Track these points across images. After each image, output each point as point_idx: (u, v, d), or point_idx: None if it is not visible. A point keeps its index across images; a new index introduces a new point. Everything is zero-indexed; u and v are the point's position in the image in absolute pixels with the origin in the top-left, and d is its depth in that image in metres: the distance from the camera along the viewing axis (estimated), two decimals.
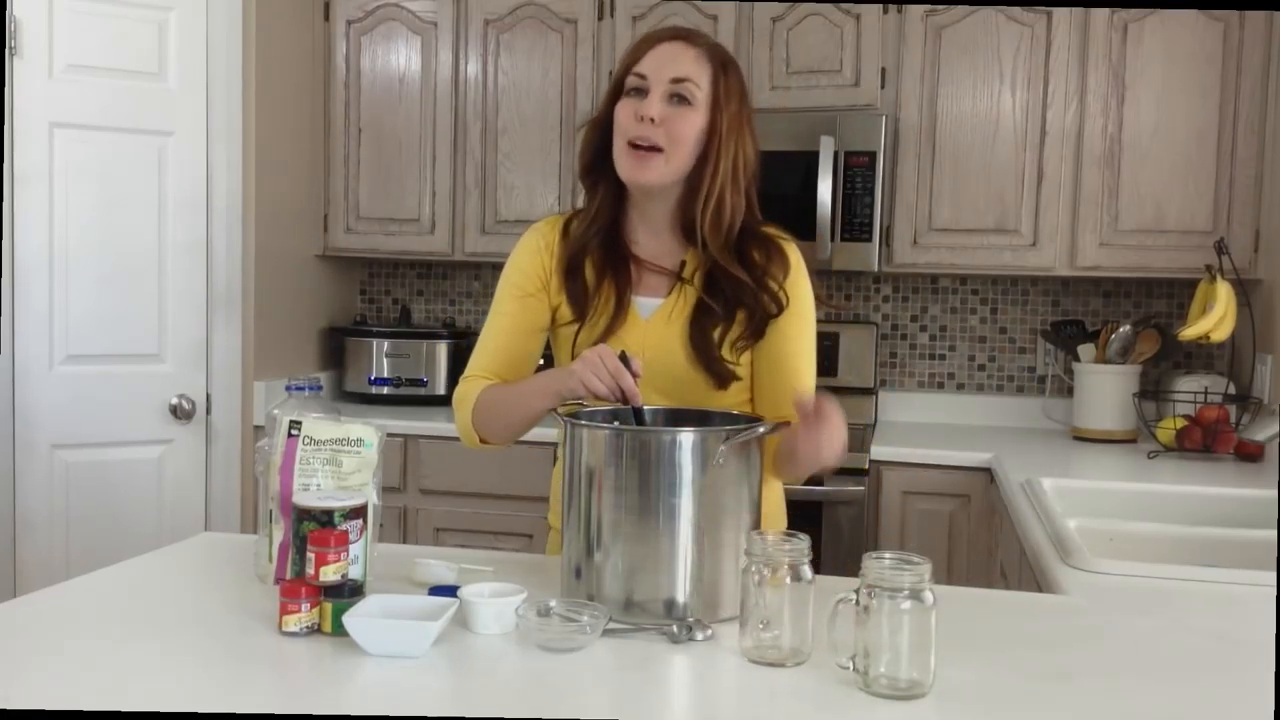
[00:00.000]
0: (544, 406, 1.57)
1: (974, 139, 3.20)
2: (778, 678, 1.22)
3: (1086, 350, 3.24)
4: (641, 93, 1.60)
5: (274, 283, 3.40)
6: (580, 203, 1.77)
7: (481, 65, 3.51)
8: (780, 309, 1.65)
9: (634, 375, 1.45)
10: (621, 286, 1.68)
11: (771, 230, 1.71)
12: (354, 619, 1.25)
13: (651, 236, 1.70)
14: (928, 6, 3.20)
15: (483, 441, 1.70)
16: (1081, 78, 3.13)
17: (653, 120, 1.58)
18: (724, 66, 1.63)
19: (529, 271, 1.73)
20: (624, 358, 1.45)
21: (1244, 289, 2.99)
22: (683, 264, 1.69)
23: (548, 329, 1.75)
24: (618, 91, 1.63)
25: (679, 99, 1.59)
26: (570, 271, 1.70)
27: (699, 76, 1.60)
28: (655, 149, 1.59)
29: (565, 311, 1.71)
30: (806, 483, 1.97)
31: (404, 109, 3.57)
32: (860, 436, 3.14)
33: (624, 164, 1.62)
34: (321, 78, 3.60)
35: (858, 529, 2.95)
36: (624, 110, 1.61)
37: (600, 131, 1.66)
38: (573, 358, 1.66)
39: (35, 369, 2.96)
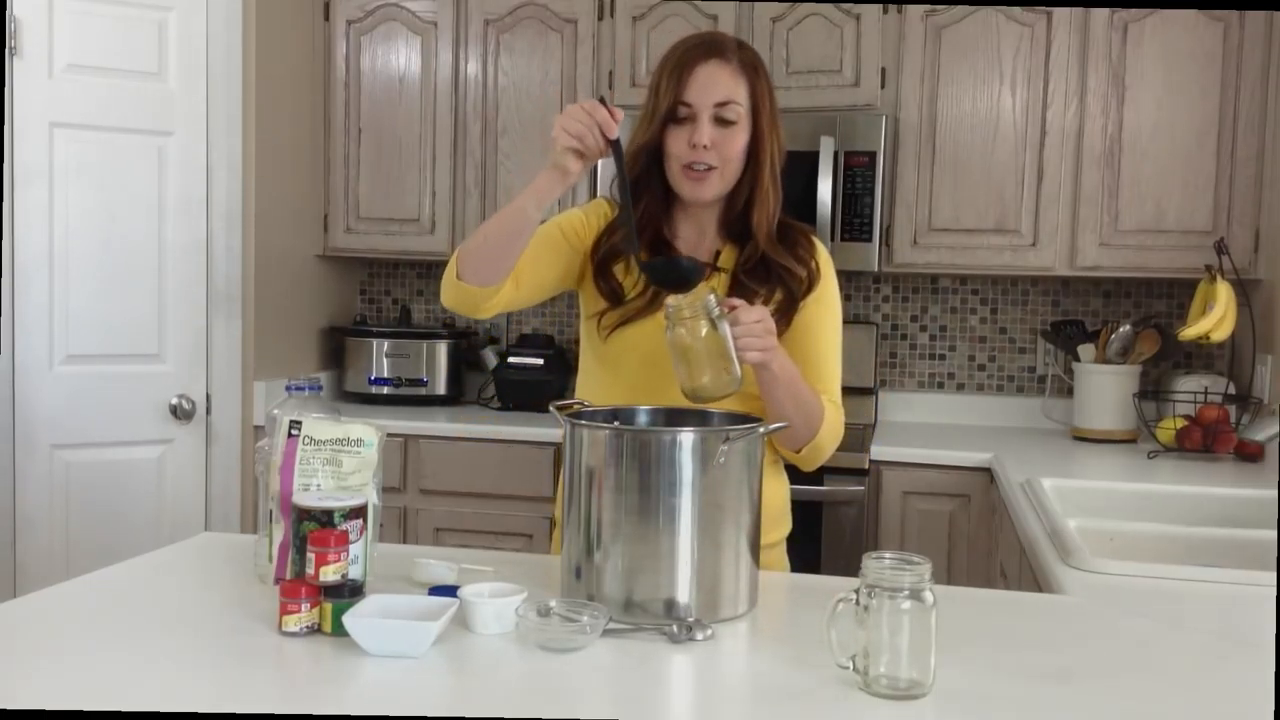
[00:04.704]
0: (532, 204, 1.61)
1: (974, 139, 3.20)
2: (778, 678, 1.22)
3: (1086, 350, 3.24)
4: (689, 120, 1.67)
5: (274, 283, 3.39)
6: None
7: (481, 65, 3.51)
8: (813, 283, 1.73)
9: (612, 116, 1.51)
10: None
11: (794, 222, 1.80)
12: (354, 619, 1.25)
13: (696, 234, 1.78)
14: (928, 6, 3.20)
15: (464, 280, 1.64)
16: (1081, 78, 3.12)
17: (705, 146, 1.66)
18: (755, 71, 1.70)
19: (576, 223, 1.80)
20: (601, 100, 1.52)
21: (1244, 289, 2.99)
22: (717, 254, 1.76)
23: (563, 268, 1.77)
24: (664, 117, 1.68)
25: (724, 121, 1.67)
26: (604, 264, 1.76)
27: (738, 94, 1.67)
28: (710, 168, 1.68)
29: (596, 296, 1.76)
30: (807, 482, 1.97)
31: (404, 109, 3.56)
32: (860, 436, 3.14)
33: (683, 186, 1.70)
34: (321, 78, 3.60)
35: (858, 529, 2.95)
36: (676, 140, 1.69)
37: (648, 154, 1.71)
38: (603, 341, 1.73)
39: (35, 369, 2.96)
